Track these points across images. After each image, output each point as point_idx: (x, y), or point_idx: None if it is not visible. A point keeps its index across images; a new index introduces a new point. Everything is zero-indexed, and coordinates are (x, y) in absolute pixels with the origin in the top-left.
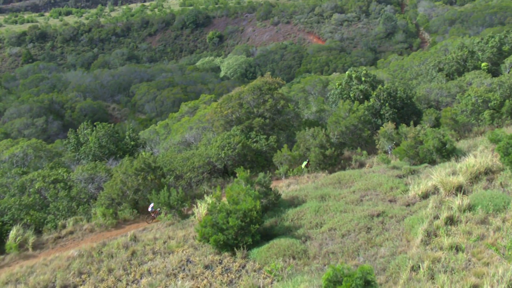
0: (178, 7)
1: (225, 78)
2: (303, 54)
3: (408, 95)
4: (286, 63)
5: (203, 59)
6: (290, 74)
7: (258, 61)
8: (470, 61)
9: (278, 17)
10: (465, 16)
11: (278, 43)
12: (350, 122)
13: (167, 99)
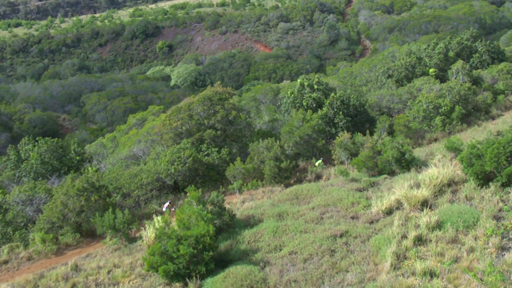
0: (128, 18)
1: (176, 87)
2: (251, 62)
3: (361, 103)
4: (235, 71)
5: (153, 68)
6: (239, 81)
7: (208, 69)
8: (418, 67)
9: (226, 26)
10: (403, 24)
11: (226, 51)
12: (304, 132)
13: (118, 108)
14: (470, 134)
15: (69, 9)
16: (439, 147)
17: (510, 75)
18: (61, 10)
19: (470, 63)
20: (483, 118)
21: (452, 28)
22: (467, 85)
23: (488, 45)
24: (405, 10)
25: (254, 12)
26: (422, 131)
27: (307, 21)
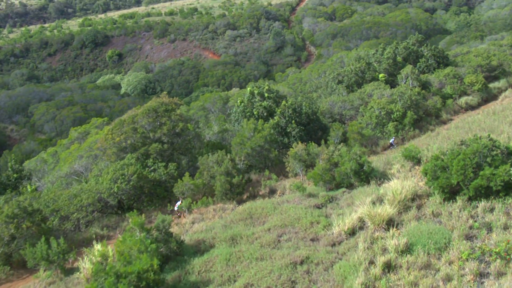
0: (77, 28)
1: (126, 95)
2: (200, 69)
3: (313, 111)
4: (184, 78)
5: (103, 77)
6: (188, 88)
7: (157, 77)
8: (368, 73)
9: (175, 34)
10: (345, 30)
11: (175, 59)
12: (256, 143)
13: (67, 118)
14: (425, 141)
15: (18, 20)
16: (396, 156)
17: (456, 79)
18: (10, 20)
19: (417, 67)
20: (434, 122)
21: (391, 34)
22: (417, 90)
23: (434, 49)
24: (347, 17)
25: (202, 20)
26: (376, 137)
27: (253, 28)
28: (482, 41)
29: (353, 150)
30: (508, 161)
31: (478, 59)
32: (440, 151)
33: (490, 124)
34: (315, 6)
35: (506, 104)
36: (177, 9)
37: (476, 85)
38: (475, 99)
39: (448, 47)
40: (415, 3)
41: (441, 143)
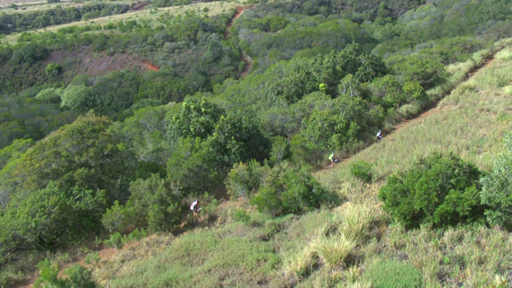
0: (16, 43)
1: (65, 108)
2: (140, 80)
3: (253, 125)
4: (124, 89)
5: (43, 91)
6: (128, 100)
7: (97, 89)
8: (308, 83)
9: (114, 47)
10: (279, 40)
11: (115, 71)
12: (193, 163)
13: (3, 134)
14: (371, 153)
15: None
16: (344, 172)
17: (395, 87)
18: None
19: (355, 76)
20: (377, 132)
21: (323, 43)
22: (358, 99)
23: (371, 58)
24: (280, 27)
25: (141, 33)
26: (319, 151)
27: (191, 40)
28: (412, 49)
29: (300, 170)
30: (472, 182)
31: (414, 67)
32: (398, 171)
33: (435, 134)
34: (250, 18)
35: (446, 112)
36: (116, 22)
37: (414, 92)
38: (415, 107)
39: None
40: (343, 14)
41: (389, 156)
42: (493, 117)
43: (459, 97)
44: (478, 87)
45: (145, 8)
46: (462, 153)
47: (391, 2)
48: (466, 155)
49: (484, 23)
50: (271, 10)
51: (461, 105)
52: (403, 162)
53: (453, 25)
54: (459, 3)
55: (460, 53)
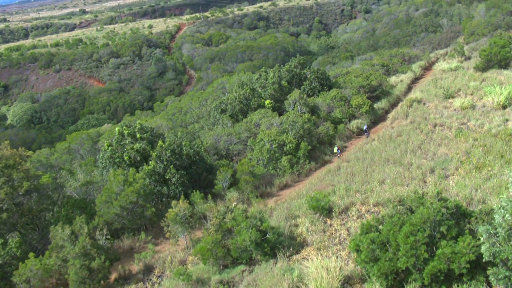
0: None
1: (11, 126)
2: (86, 96)
3: (195, 150)
4: (70, 106)
5: None
6: (75, 116)
7: (44, 106)
8: (254, 100)
9: (60, 64)
10: (222, 54)
11: (61, 88)
12: (126, 200)
13: None
14: (327, 178)
15: None
16: (300, 205)
17: (343, 102)
18: None
19: (301, 90)
20: (329, 152)
21: (263, 56)
22: (307, 116)
23: (317, 72)
24: (222, 42)
25: (86, 50)
26: (269, 175)
27: (136, 55)
28: (352, 61)
29: (251, 211)
30: (464, 227)
31: (360, 80)
32: (374, 217)
33: (392, 154)
34: (192, 34)
35: (398, 128)
36: (62, 40)
37: (363, 107)
38: (364, 122)
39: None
40: (281, 29)
41: (347, 181)
42: (449, 133)
43: (408, 110)
44: (425, 100)
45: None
46: (428, 177)
47: (325, 17)
48: (434, 181)
49: (418, 35)
50: (213, 25)
51: (412, 119)
52: (364, 189)
53: (389, 38)
54: (388, 17)
55: (400, 65)
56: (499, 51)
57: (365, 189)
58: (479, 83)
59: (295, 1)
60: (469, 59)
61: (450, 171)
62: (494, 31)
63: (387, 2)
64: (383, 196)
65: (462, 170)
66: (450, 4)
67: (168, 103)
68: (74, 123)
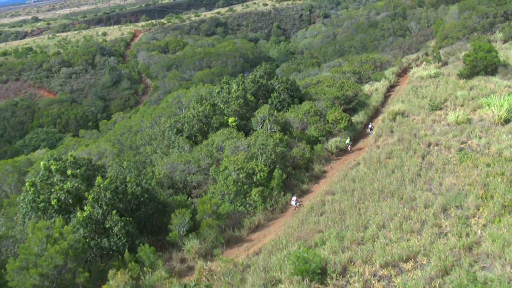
0: None
1: None
2: (35, 108)
3: (144, 187)
4: (18, 119)
5: None
6: (23, 130)
7: None
8: (215, 117)
9: (7, 75)
10: (179, 62)
11: (8, 100)
12: (49, 265)
13: None
14: (311, 219)
15: None
16: (280, 260)
17: (318, 117)
18: None
19: (269, 104)
20: (306, 179)
21: (222, 63)
22: (279, 136)
23: (286, 82)
24: (179, 49)
25: (36, 59)
26: (237, 213)
27: (88, 64)
28: (319, 68)
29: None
30: None
31: (333, 90)
32: None
33: (386, 183)
34: (148, 41)
35: (385, 146)
36: (11, 49)
37: (341, 122)
38: (344, 140)
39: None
40: (240, 34)
41: (339, 226)
42: (449, 156)
43: (392, 124)
44: (408, 112)
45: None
46: (442, 219)
47: (284, 22)
48: (453, 227)
49: (386, 39)
50: (169, 32)
51: (399, 136)
52: (362, 237)
53: (356, 43)
54: (349, 22)
55: (372, 72)
56: (485, 56)
57: (363, 237)
58: (467, 92)
59: (253, 6)
60: (446, 64)
61: (470, 212)
62: (469, 34)
63: (346, 7)
64: (391, 251)
65: (486, 210)
66: (411, 7)
67: (117, 120)
68: (22, 138)
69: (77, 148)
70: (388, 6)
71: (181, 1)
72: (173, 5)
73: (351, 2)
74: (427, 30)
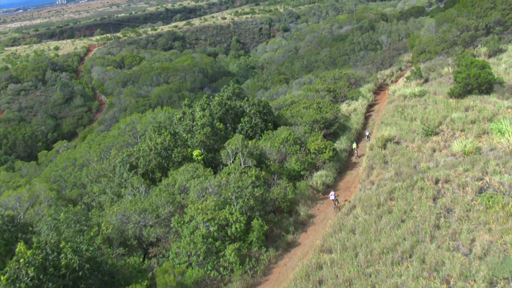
0: None
1: None
2: None
3: (84, 255)
4: None
5: None
6: None
7: None
8: (176, 150)
9: None
10: (135, 77)
11: None
12: None
13: None
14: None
15: None
16: None
17: (299, 146)
18: None
19: (239, 130)
20: (291, 227)
21: (181, 78)
22: (255, 172)
23: (258, 104)
24: (135, 64)
25: None
26: (209, 280)
27: (39, 80)
28: (288, 85)
29: None
30: None
31: (311, 113)
32: None
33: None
34: (103, 55)
35: (380, 183)
36: None
37: (325, 152)
38: (330, 174)
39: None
40: (198, 49)
41: None
42: (466, 197)
43: (383, 153)
44: (399, 137)
45: None
46: None
47: (243, 36)
48: None
49: (357, 54)
50: (125, 46)
51: (396, 169)
52: None
53: (325, 57)
54: (311, 35)
55: (348, 89)
56: (479, 73)
57: None
58: (464, 114)
59: (211, 20)
60: (427, 81)
61: None
62: (449, 48)
63: (305, 21)
64: None
65: None
66: (375, 21)
67: (59, 150)
68: None
69: (2, 193)
70: (351, 20)
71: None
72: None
73: (311, 16)
74: (399, 43)
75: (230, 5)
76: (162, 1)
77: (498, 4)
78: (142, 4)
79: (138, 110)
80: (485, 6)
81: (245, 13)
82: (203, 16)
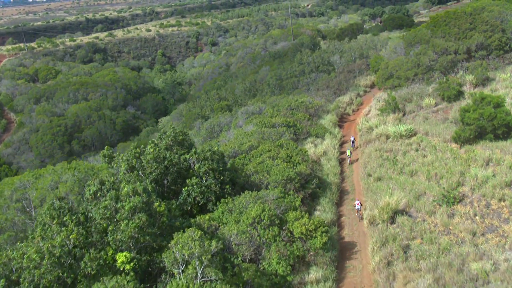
0: None
1: None
2: None
3: None
4: None
5: None
6: None
7: None
8: (91, 254)
9: None
10: (50, 93)
11: None
12: None
13: None
14: None
15: None
16: None
17: (278, 228)
18: None
19: (184, 196)
20: None
21: (101, 95)
22: None
23: (211, 158)
24: (51, 78)
25: None
26: None
27: None
28: (232, 114)
29: None
30: None
31: (280, 166)
32: None
33: None
34: (14, 67)
35: (388, 276)
36: None
37: (317, 237)
38: (328, 274)
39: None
40: (121, 62)
41: None
42: None
43: (395, 233)
44: (406, 204)
45: None
46: None
47: (169, 50)
48: None
49: (307, 76)
50: (40, 58)
51: (433, 272)
52: None
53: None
54: (243, 51)
55: (309, 123)
56: (494, 113)
57: None
58: (489, 171)
59: (135, 32)
60: (405, 114)
61: None
62: (424, 74)
63: (234, 35)
64: None
65: None
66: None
67: None
68: None
69: None
70: (287, 35)
71: (55, 24)
72: (46, 27)
73: (240, 30)
74: (353, 65)
75: (154, 16)
76: (83, 10)
77: (478, 24)
78: (61, 13)
79: (52, 131)
80: (464, 27)
81: (171, 25)
82: (126, 27)
